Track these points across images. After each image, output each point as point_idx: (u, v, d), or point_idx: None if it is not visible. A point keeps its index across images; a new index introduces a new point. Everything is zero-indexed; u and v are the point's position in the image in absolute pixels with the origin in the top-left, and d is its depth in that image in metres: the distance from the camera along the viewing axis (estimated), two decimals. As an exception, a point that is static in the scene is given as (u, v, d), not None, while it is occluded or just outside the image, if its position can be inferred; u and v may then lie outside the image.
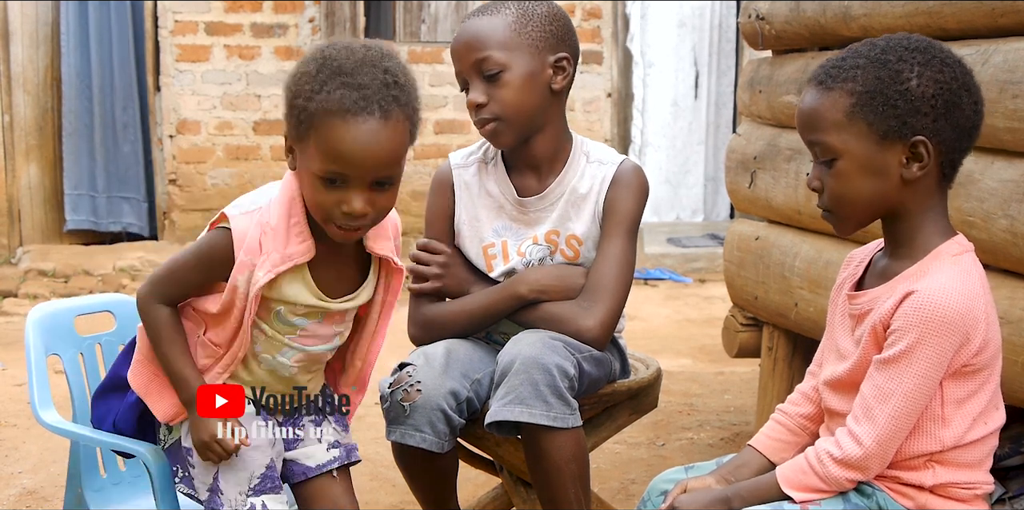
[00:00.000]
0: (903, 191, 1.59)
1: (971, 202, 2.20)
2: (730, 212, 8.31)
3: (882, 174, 1.58)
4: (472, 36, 2.08)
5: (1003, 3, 2.18)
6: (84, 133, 7.20)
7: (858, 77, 1.57)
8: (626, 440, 3.51)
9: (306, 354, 1.95)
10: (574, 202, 2.16)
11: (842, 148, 1.58)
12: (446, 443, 2.02)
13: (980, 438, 1.62)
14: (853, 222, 1.64)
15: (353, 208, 1.76)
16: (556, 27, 2.10)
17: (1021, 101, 2.07)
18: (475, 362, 2.11)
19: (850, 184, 1.59)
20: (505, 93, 2.06)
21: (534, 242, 2.17)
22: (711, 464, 1.84)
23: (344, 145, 1.75)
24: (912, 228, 1.62)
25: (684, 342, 5.17)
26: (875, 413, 1.56)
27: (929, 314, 1.53)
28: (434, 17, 7.24)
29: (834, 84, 1.59)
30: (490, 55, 2.05)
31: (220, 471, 1.89)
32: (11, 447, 3.43)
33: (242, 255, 1.83)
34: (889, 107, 1.56)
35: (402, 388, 2.01)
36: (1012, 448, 2.61)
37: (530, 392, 1.95)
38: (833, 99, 1.58)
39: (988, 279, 2.24)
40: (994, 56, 2.16)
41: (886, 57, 1.57)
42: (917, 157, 1.57)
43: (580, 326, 2.07)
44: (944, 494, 1.62)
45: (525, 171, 2.19)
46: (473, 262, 2.21)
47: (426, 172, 7.31)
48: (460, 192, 2.22)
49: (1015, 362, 2.11)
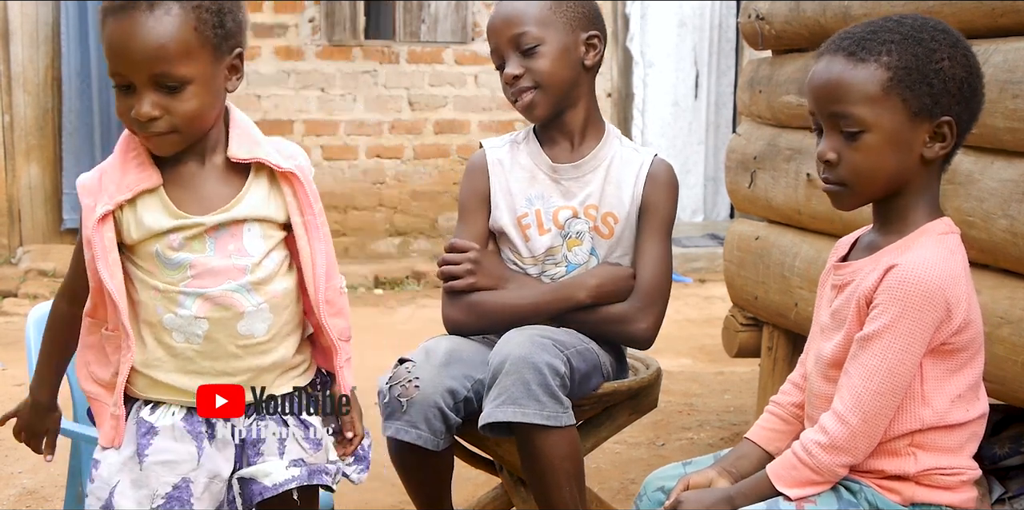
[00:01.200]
0: (918, 169, 1.60)
1: (971, 202, 2.20)
2: (730, 212, 8.30)
3: (907, 151, 1.58)
4: (510, 13, 2.19)
5: (1003, 3, 2.18)
6: (84, 132, 7.20)
7: (894, 51, 1.56)
8: (626, 440, 3.51)
9: (208, 299, 1.69)
10: (612, 181, 2.23)
11: (873, 121, 1.56)
12: (441, 441, 2.02)
13: (961, 423, 1.61)
14: (866, 196, 1.63)
15: (139, 112, 1.62)
16: (588, 8, 2.23)
17: (1021, 101, 2.07)
18: (478, 363, 2.11)
19: (875, 158, 1.58)
20: (542, 64, 2.17)
21: (574, 215, 2.22)
22: (709, 459, 1.84)
23: (111, 42, 1.63)
24: (906, 206, 1.62)
25: (684, 342, 5.17)
26: (859, 390, 1.55)
27: (911, 287, 1.53)
28: (434, 17, 7.24)
29: (868, 56, 1.57)
30: (528, 30, 2.16)
31: (118, 486, 1.68)
32: (11, 447, 3.42)
33: (85, 201, 1.72)
34: (925, 85, 1.55)
35: (400, 384, 2.01)
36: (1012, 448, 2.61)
37: (522, 392, 1.95)
38: (868, 71, 1.56)
39: (988, 279, 2.25)
40: (994, 56, 2.16)
41: (920, 35, 1.57)
42: (940, 137, 1.58)
43: (635, 328, 2.18)
44: (929, 482, 1.61)
45: (559, 141, 2.27)
46: (509, 235, 2.23)
47: (426, 172, 7.31)
48: (493, 169, 2.27)
49: (1015, 362, 2.11)
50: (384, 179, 7.35)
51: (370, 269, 6.94)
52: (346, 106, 7.28)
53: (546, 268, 2.22)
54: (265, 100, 7.23)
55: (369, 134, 7.32)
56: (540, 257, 2.22)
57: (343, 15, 7.16)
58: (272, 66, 7.21)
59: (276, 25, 7.19)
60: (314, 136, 7.27)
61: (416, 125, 7.34)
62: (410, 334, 5.30)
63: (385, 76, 7.27)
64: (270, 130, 7.24)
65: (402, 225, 7.31)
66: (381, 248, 7.32)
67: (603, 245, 2.22)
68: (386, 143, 7.34)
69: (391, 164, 7.35)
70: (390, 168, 7.35)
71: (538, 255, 2.22)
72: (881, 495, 1.62)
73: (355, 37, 7.21)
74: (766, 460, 1.74)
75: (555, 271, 2.23)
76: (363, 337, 5.49)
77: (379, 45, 7.26)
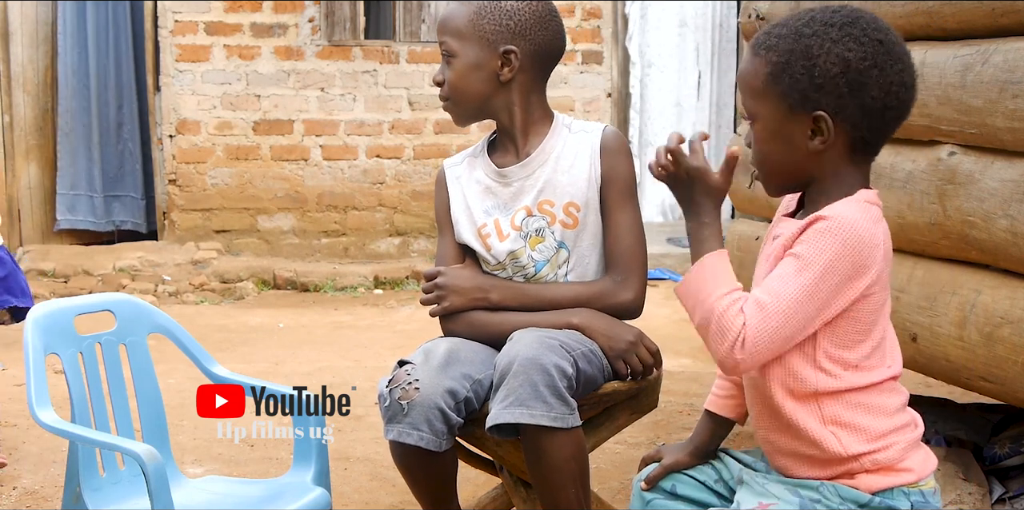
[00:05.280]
0: (810, 160, 1.62)
1: (971, 202, 2.20)
2: (731, 212, 8.31)
3: (790, 143, 1.62)
4: (441, 19, 2.24)
5: (1003, 3, 2.18)
6: (81, 133, 7.20)
7: (777, 47, 1.61)
8: (626, 440, 3.51)
9: None
10: (563, 170, 2.22)
11: (757, 113, 1.64)
12: (444, 442, 2.02)
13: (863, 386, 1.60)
14: (774, 183, 1.68)
15: None
16: (514, 22, 2.18)
17: (1021, 101, 2.06)
18: (477, 363, 2.11)
19: (764, 146, 1.65)
20: (452, 76, 2.21)
21: (528, 214, 2.22)
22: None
23: None
24: (822, 191, 1.64)
25: (684, 342, 5.16)
26: (778, 291, 1.53)
27: (835, 230, 1.53)
28: (434, 17, 7.24)
29: (759, 51, 1.63)
30: (446, 40, 2.21)
31: None
32: (11, 447, 3.42)
33: None
34: (795, 81, 1.59)
35: (400, 386, 2.01)
36: (1012, 448, 2.62)
37: (530, 393, 1.95)
38: (756, 66, 1.63)
39: (988, 279, 2.25)
40: (994, 56, 2.16)
41: (804, 30, 1.60)
42: (819, 131, 1.60)
43: (620, 300, 2.19)
44: (873, 467, 1.60)
45: (506, 146, 2.28)
46: (473, 247, 2.25)
47: (426, 172, 7.31)
48: (452, 186, 2.30)
49: (1015, 362, 2.11)
50: (384, 179, 7.35)
51: (370, 269, 6.94)
52: (346, 106, 7.28)
53: (514, 270, 2.23)
54: (265, 100, 7.23)
55: (369, 134, 7.31)
56: (505, 262, 2.23)
57: (343, 15, 7.15)
58: (272, 66, 7.21)
59: (276, 25, 7.19)
60: (314, 136, 7.27)
61: (416, 125, 7.34)
62: (410, 334, 5.30)
63: (385, 76, 7.27)
64: (270, 130, 7.26)
65: (402, 225, 7.31)
66: (381, 248, 7.32)
67: (570, 235, 2.22)
68: (386, 143, 7.34)
69: (391, 164, 7.35)
70: (390, 168, 7.35)
71: (503, 261, 2.22)
72: (843, 486, 1.61)
73: (355, 37, 7.21)
74: (727, 425, 1.83)
75: (525, 272, 2.24)
76: (363, 337, 5.51)
77: (379, 45, 7.25)
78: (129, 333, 2.25)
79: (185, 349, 2.30)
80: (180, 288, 6.62)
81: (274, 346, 5.23)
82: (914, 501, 1.61)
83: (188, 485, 2.26)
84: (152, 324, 2.29)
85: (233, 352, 5.02)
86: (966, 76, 2.22)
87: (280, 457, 3.36)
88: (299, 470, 2.22)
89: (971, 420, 2.82)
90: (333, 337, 5.43)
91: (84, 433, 2.02)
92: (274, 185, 7.28)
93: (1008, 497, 2.49)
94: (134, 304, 2.29)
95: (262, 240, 7.29)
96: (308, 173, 7.28)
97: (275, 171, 7.28)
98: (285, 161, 7.28)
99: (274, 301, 6.54)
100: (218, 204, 7.27)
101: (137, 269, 6.78)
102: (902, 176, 2.46)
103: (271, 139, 7.26)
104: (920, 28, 2.46)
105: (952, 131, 2.29)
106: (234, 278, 6.81)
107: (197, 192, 7.25)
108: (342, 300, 6.53)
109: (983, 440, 2.73)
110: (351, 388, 2.09)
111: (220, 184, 7.26)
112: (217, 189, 7.26)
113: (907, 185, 2.43)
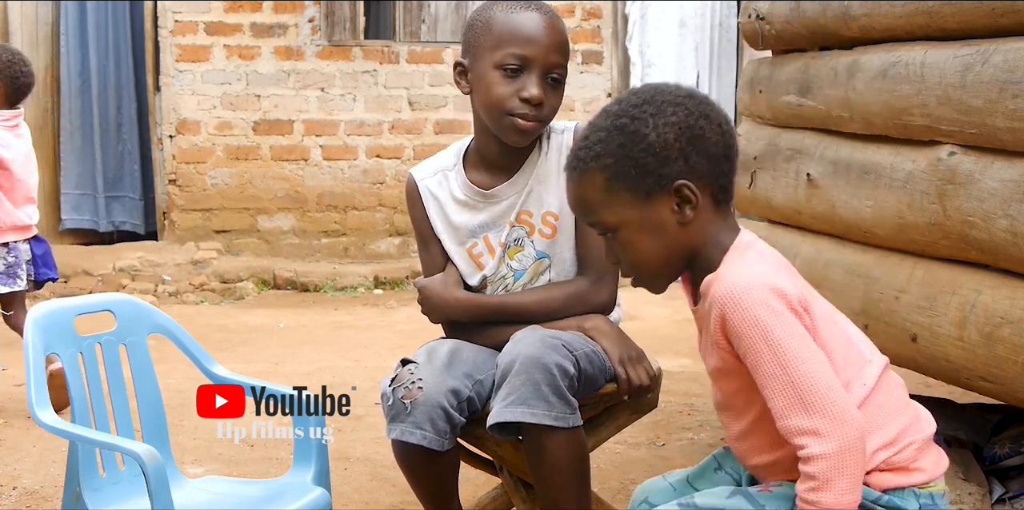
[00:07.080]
0: (686, 234, 1.61)
1: (971, 202, 2.20)
2: (730, 212, 8.31)
3: (661, 228, 1.61)
4: (560, 34, 2.13)
5: (1003, 3, 2.18)
6: (83, 133, 7.20)
7: (603, 152, 1.60)
8: (626, 440, 3.51)
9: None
10: (539, 179, 2.21)
11: (615, 221, 1.61)
12: (446, 441, 2.02)
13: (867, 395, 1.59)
14: (661, 280, 1.67)
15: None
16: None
17: (1021, 101, 2.06)
18: (479, 363, 2.12)
19: (638, 248, 1.62)
20: (557, 102, 2.14)
21: (509, 226, 2.21)
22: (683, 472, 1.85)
23: None
24: (705, 258, 1.63)
25: (684, 342, 5.16)
26: (805, 397, 1.49)
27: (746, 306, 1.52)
28: (434, 17, 7.24)
29: (585, 166, 1.62)
30: (563, 62, 2.12)
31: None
32: (11, 447, 3.42)
33: None
34: (639, 167, 1.58)
35: (403, 386, 2.01)
36: (1012, 448, 2.62)
37: (532, 392, 1.95)
38: (589, 180, 1.61)
39: (988, 279, 2.25)
40: (994, 56, 2.16)
41: (620, 122, 1.60)
42: (685, 200, 1.59)
43: (596, 303, 2.18)
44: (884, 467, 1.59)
45: (493, 165, 2.23)
46: (464, 266, 2.24)
47: (426, 172, 7.31)
48: (428, 203, 2.26)
49: (1015, 362, 2.11)
50: (384, 179, 7.35)
51: (370, 269, 6.94)
52: (346, 106, 7.28)
53: (494, 282, 2.23)
54: (265, 100, 7.23)
55: (369, 134, 7.32)
56: (492, 278, 2.23)
57: (343, 15, 7.15)
58: (272, 66, 7.21)
59: (276, 25, 7.19)
60: (314, 136, 7.27)
61: (416, 125, 7.34)
62: (410, 334, 5.30)
63: (385, 76, 7.27)
64: (270, 130, 7.26)
65: (402, 225, 7.30)
66: (381, 248, 7.31)
67: (550, 244, 2.21)
68: (386, 143, 7.34)
69: (391, 164, 7.35)
70: (390, 168, 7.35)
71: (490, 276, 2.22)
72: None
73: (355, 37, 7.21)
74: None
75: (504, 282, 2.24)
76: (363, 337, 5.51)
77: (379, 45, 7.25)
78: (129, 333, 2.25)
79: (185, 349, 2.30)
80: (180, 288, 6.62)
81: (274, 346, 5.23)
82: (923, 503, 1.59)
83: (188, 485, 2.26)
84: (152, 324, 2.29)
85: (233, 352, 5.02)
86: (966, 76, 2.22)
87: (280, 457, 3.36)
88: (299, 470, 2.22)
89: (971, 420, 2.82)
90: (333, 337, 5.44)
91: (84, 433, 2.02)
92: (274, 185, 7.28)
93: (1008, 497, 2.49)
94: (134, 304, 2.29)
95: (262, 240, 7.29)
96: (308, 173, 7.28)
97: (275, 171, 7.28)
98: (285, 161, 7.28)
99: (274, 301, 6.54)
100: (218, 204, 7.27)
101: (137, 269, 6.78)
102: (902, 176, 2.46)
103: (271, 139, 7.26)
104: (920, 28, 2.46)
105: (952, 131, 2.29)
106: (234, 278, 6.81)
107: (197, 192, 7.25)
108: (342, 300, 6.54)
109: (983, 440, 2.74)
110: (351, 388, 2.09)
111: (220, 184, 7.26)
112: (217, 189, 7.26)
113: (907, 185, 2.43)
